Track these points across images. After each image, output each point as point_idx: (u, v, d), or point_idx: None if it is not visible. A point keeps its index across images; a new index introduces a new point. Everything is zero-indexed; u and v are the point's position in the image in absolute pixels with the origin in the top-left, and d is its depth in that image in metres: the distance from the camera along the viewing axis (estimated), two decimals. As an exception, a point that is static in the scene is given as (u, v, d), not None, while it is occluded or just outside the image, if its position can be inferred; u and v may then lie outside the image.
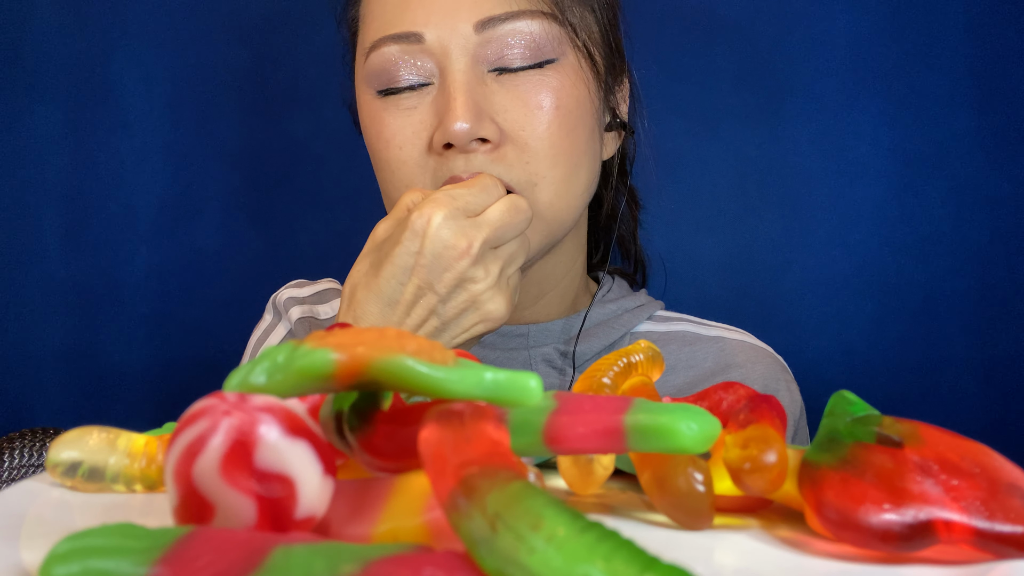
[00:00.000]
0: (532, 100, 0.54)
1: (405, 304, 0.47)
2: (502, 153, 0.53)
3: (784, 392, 0.61)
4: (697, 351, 0.62)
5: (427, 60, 0.54)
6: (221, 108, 0.91)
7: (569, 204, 0.56)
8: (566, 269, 0.62)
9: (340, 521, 0.20)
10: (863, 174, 0.90)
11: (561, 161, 0.55)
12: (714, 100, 0.90)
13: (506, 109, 0.54)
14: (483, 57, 0.54)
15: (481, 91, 0.54)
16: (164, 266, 0.92)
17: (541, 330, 0.61)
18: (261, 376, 0.21)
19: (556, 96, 0.55)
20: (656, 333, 0.63)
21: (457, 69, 0.53)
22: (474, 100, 0.53)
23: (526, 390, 0.20)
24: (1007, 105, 0.89)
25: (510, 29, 0.54)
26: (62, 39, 0.91)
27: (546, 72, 0.55)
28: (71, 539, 0.17)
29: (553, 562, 0.15)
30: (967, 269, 0.89)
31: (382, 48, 0.55)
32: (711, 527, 0.25)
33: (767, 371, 0.62)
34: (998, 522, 0.21)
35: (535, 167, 0.54)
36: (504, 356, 0.60)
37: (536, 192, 0.54)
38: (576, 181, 0.56)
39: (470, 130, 0.52)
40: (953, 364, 0.89)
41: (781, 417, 0.26)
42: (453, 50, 0.54)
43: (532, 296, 0.61)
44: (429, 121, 0.54)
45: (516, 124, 0.54)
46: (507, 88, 0.54)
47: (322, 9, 0.92)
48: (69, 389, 0.91)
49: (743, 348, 0.63)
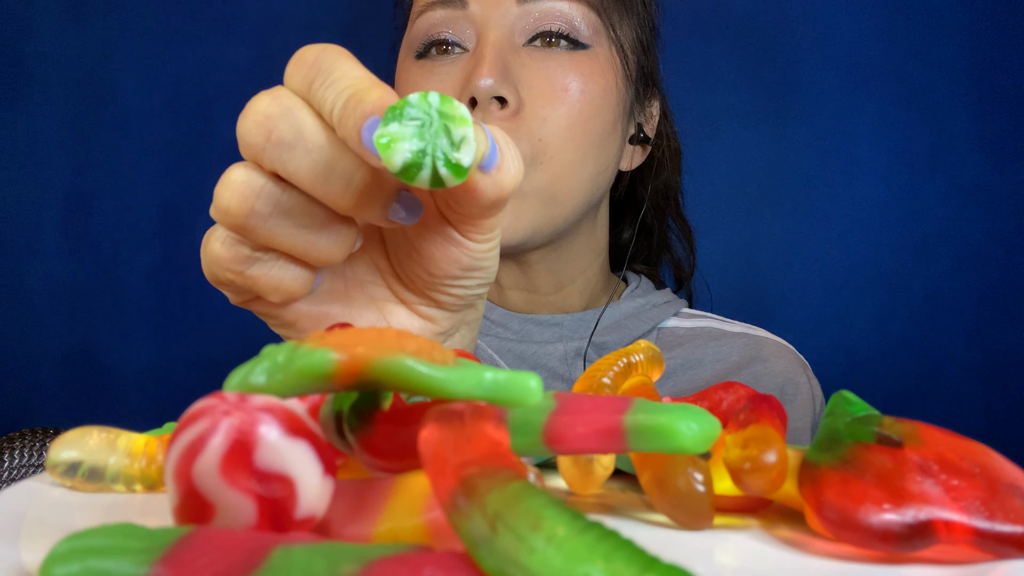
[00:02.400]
0: (559, 80, 0.55)
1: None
2: (516, 123, 0.54)
3: (805, 387, 0.63)
4: (723, 346, 0.64)
5: (467, 26, 0.56)
6: (221, 108, 0.91)
7: (569, 190, 0.57)
8: (587, 260, 0.64)
9: (340, 521, 0.20)
10: (863, 174, 0.90)
11: (571, 147, 0.56)
12: (714, 100, 0.90)
13: (532, 83, 0.55)
14: (520, 29, 0.56)
15: (512, 59, 0.55)
16: (164, 266, 0.92)
17: (575, 320, 0.63)
18: (261, 376, 0.21)
19: (583, 81, 0.56)
20: (683, 329, 0.65)
21: (495, 35, 0.55)
22: (503, 63, 0.54)
23: (526, 390, 0.20)
24: (1007, 105, 0.89)
25: (550, 7, 0.56)
26: (62, 39, 0.91)
27: (577, 56, 0.56)
28: (71, 539, 0.17)
29: (553, 562, 0.15)
30: (967, 269, 0.89)
31: (427, 12, 0.57)
32: (711, 527, 0.25)
33: (790, 366, 0.63)
34: (998, 522, 0.21)
35: (544, 145, 0.55)
36: (540, 349, 0.61)
37: (536, 169, 0.55)
38: (581, 170, 0.57)
39: (492, 86, 0.53)
40: (953, 364, 0.89)
41: (781, 417, 0.26)
42: (492, 18, 0.55)
43: (553, 284, 0.62)
44: (458, 83, 0.56)
45: (538, 99, 0.55)
46: (537, 63, 0.55)
47: (323, 9, 0.92)
48: (69, 389, 0.91)
49: (767, 344, 0.64)
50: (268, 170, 0.27)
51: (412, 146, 0.23)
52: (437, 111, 0.23)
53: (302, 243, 0.28)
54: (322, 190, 0.27)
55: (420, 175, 0.23)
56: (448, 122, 0.23)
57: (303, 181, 0.26)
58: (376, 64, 0.73)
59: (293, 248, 0.28)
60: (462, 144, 0.23)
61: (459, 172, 0.23)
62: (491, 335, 0.62)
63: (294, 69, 0.27)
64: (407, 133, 0.23)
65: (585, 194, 0.59)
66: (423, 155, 0.23)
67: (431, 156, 0.23)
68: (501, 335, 0.62)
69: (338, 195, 0.27)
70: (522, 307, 0.64)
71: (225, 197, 0.27)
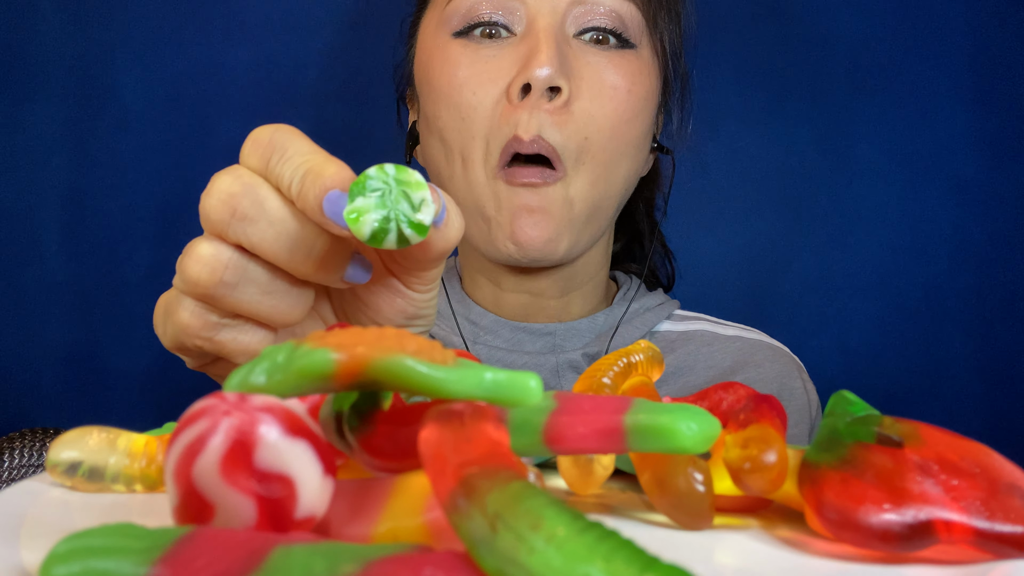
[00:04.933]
0: (609, 78, 0.55)
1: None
2: (565, 117, 0.54)
3: (800, 390, 0.62)
4: (716, 351, 0.62)
5: (519, 7, 0.55)
6: (221, 108, 0.91)
7: (607, 192, 0.57)
8: (597, 268, 0.63)
9: (340, 521, 0.20)
10: (863, 174, 0.90)
11: (611, 146, 0.55)
12: (714, 100, 0.90)
13: (582, 76, 0.54)
14: (572, 18, 0.55)
15: (565, 49, 0.54)
16: (164, 266, 0.92)
17: (568, 329, 0.61)
18: (261, 376, 0.21)
19: (632, 81, 0.55)
20: (676, 332, 0.64)
21: (548, 22, 0.54)
22: (560, 52, 0.53)
23: (526, 390, 0.20)
24: (1007, 105, 0.89)
25: (602, 0, 0.54)
26: (62, 39, 0.91)
27: (626, 55, 0.56)
28: (71, 539, 0.17)
29: (553, 562, 0.15)
30: (967, 269, 0.89)
31: None
32: (711, 527, 0.25)
33: (783, 369, 0.62)
34: (998, 522, 0.21)
35: (589, 144, 0.54)
36: (531, 360, 0.59)
37: (580, 170, 0.55)
38: (617, 170, 0.57)
39: (551, 75, 0.52)
40: (953, 364, 0.89)
41: (781, 417, 0.26)
42: (545, 4, 0.54)
43: (560, 288, 0.61)
44: (508, 69, 0.54)
45: (588, 94, 0.54)
46: (589, 57, 0.55)
47: (323, 9, 0.92)
48: (69, 389, 0.91)
49: (760, 347, 0.63)
50: (232, 242, 0.29)
51: (377, 216, 0.25)
52: (394, 179, 0.26)
53: (267, 307, 0.30)
54: (285, 258, 0.29)
55: (387, 239, 0.26)
56: (405, 188, 0.26)
57: (267, 251, 0.29)
58: (377, 64, 0.73)
59: (258, 313, 0.30)
60: (422, 205, 0.26)
61: (421, 230, 0.26)
62: (480, 343, 0.60)
63: (251, 149, 0.29)
64: (371, 204, 0.26)
65: (619, 197, 0.58)
66: (388, 221, 0.26)
67: (395, 221, 0.26)
68: (491, 343, 0.60)
69: (300, 262, 0.29)
70: (518, 312, 0.61)
71: (196, 270, 0.29)
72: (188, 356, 0.33)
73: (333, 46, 0.91)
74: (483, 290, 0.62)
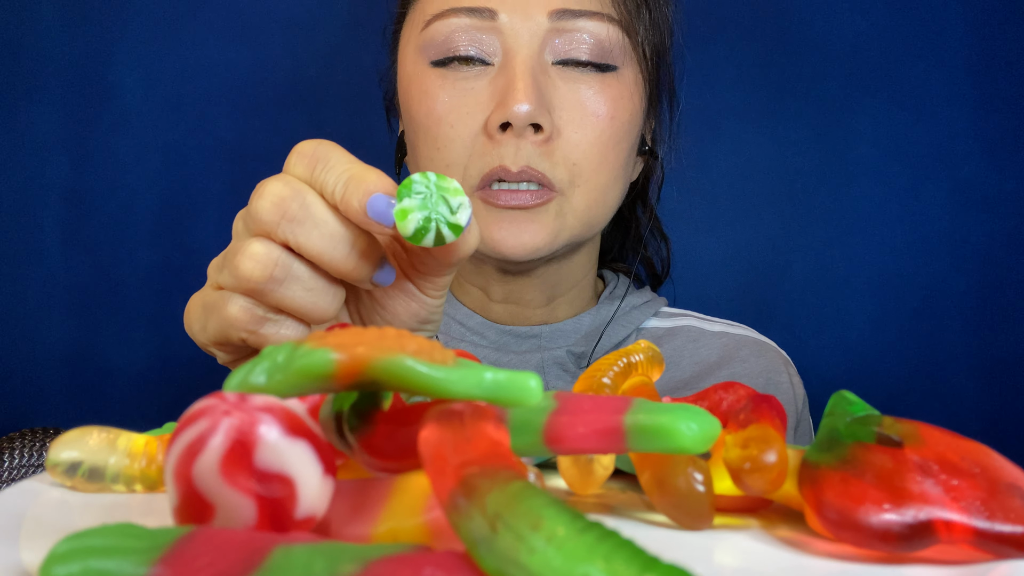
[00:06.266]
0: (591, 105, 0.54)
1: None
2: (551, 148, 0.54)
3: (787, 384, 0.62)
4: (701, 346, 0.63)
5: (495, 39, 0.54)
6: (221, 108, 0.91)
7: (600, 213, 0.57)
8: (583, 273, 0.63)
9: (340, 521, 0.20)
10: (863, 174, 0.90)
11: (604, 170, 0.55)
12: (714, 100, 0.90)
13: (563, 107, 0.54)
14: (551, 47, 0.54)
15: (544, 80, 0.54)
16: (164, 266, 0.92)
17: (554, 331, 0.62)
18: (261, 376, 0.21)
19: (614, 106, 0.55)
20: (662, 329, 0.64)
21: (525, 53, 0.53)
22: (538, 86, 0.53)
23: (526, 390, 0.20)
24: (1007, 105, 0.89)
25: (581, 25, 0.54)
26: (62, 39, 0.91)
27: (607, 79, 0.55)
28: (71, 539, 0.17)
29: (553, 562, 0.15)
30: (967, 269, 0.89)
31: (451, 18, 0.54)
32: (711, 527, 0.25)
33: (770, 364, 0.62)
34: (998, 522, 0.21)
35: (579, 169, 0.54)
36: (517, 359, 0.60)
37: (574, 192, 0.55)
38: (611, 192, 0.57)
39: (530, 112, 0.52)
40: (953, 364, 0.89)
41: (781, 417, 0.26)
42: (523, 33, 0.54)
43: (546, 297, 0.61)
44: (486, 102, 0.54)
45: (571, 125, 0.54)
46: (568, 86, 0.54)
47: (323, 9, 0.92)
48: (69, 389, 0.91)
49: (746, 342, 0.64)
50: (280, 242, 0.32)
51: (420, 215, 0.29)
52: (435, 185, 0.30)
53: (308, 303, 0.33)
54: (328, 257, 0.32)
55: (427, 237, 0.30)
56: (444, 193, 0.30)
57: (312, 250, 0.31)
58: (377, 64, 0.73)
59: (301, 308, 0.33)
60: (459, 209, 0.30)
61: (456, 231, 0.30)
62: (467, 342, 0.61)
63: (296, 160, 0.32)
64: (415, 205, 0.30)
65: (612, 212, 0.59)
66: (429, 221, 0.30)
67: (435, 221, 0.30)
68: (478, 343, 0.61)
69: (340, 261, 0.32)
70: (504, 319, 0.62)
71: (249, 267, 0.31)
72: (225, 351, 0.35)
73: (333, 46, 0.91)
74: (471, 296, 0.63)
